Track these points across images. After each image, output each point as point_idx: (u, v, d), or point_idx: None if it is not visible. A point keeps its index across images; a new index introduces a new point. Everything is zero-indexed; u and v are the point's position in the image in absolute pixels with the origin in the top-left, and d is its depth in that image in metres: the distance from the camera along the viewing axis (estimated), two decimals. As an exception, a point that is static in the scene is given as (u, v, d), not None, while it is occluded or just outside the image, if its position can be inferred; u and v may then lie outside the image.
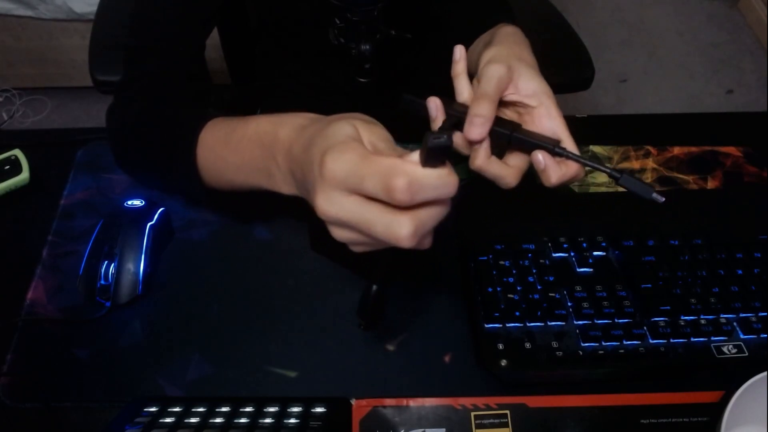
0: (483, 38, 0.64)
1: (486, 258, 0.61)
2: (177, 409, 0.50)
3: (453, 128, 0.50)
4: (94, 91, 0.98)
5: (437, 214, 0.37)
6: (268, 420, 0.49)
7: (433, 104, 0.51)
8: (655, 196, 0.48)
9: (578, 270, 0.62)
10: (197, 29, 0.66)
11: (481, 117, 0.48)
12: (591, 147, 0.76)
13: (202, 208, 0.68)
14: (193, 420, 0.49)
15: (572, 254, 0.62)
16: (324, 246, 0.64)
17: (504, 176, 0.49)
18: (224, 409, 0.50)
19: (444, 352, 0.58)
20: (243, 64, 1.07)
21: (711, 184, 0.73)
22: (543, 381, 0.56)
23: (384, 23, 0.69)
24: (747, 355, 0.56)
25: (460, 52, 0.53)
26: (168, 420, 0.48)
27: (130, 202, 0.64)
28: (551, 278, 0.60)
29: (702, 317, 0.58)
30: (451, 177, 0.36)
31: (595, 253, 0.63)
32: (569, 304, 0.59)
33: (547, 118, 0.51)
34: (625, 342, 0.56)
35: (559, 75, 1.00)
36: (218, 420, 0.49)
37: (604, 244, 0.63)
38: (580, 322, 0.58)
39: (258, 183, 0.51)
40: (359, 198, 0.37)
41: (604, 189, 0.72)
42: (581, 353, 0.56)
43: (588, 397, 0.55)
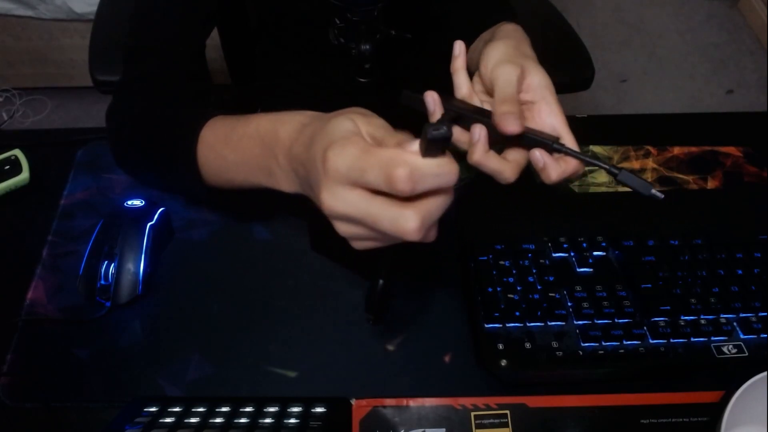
0: (484, 36, 0.64)
1: (486, 258, 0.61)
2: (177, 409, 0.50)
3: (452, 122, 0.50)
4: (94, 91, 0.98)
5: (442, 204, 0.38)
6: (268, 420, 0.49)
7: (431, 98, 0.51)
8: (653, 192, 0.47)
9: (578, 270, 0.62)
10: (197, 29, 0.66)
11: (512, 113, 0.47)
12: (591, 147, 0.76)
13: (203, 207, 0.68)
14: (193, 420, 0.49)
15: (572, 254, 0.62)
16: (324, 246, 0.64)
17: (502, 171, 0.48)
18: (224, 409, 0.50)
19: (444, 352, 0.58)
20: (243, 64, 1.07)
21: (711, 184, 0.73)
22: (543, 381, 0.56)
23: (384, 23, 0.69)
24: (747, 355, 0.56)
25: (460, 47, 0.53)
26: (168, 420, 0.48)
27: (130, 202, 0.64)
28: (551, 278, 0.60)
29: (702, 317, 0.58)
30: (451, 165, 0.36)
31: (595, 253, 0.63)
32: (569, 304, 0.59)
33: (548, 113, 0.50)
34: (625, 342, 0.56)
35: (559, 75, 1.00)
36: (218, 420, 0.49)
37: (604, 244, 0.63)
38: (580, 322, 0.58)
39: (258, 181, 0.51)
40: (364, 192, 0.37)
41: (604, 189, 0.72)
42: (581, 353, 0.56)
43: (588, 397, 0.55)
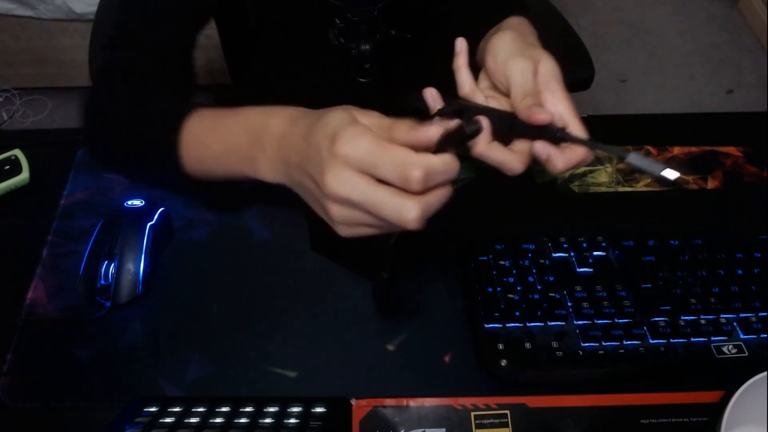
0: (490, 34, 0.63)
1: (486, 258, 0.61)
2: (177, 409, 0.50)
3: (454, 115, 0.49)
4: (94, 91, 0.98)
5: (442, 196, 0.40)
6: (268, 420, 0.49)
7: (430, 95, 0.51)
8: (666, 172, 0.43)
9: (578, 270, 0.62)
10: (190, 23, 0.64)
11: (537, 104, 0.47)
12: (591, 147, 0.76)
13: (203, 207, 0.67)
14: (193, 420, 0.49)
15: (572, 254, 0.62)
16: (324, 246, 0.64)
17: (508, 161, 0.47)
18: (224, 409, 0.50)
19: (444, 352, 0.58)
20: (243, 64, 1.07)
21: (711, 184, 0.73)
22: (543, 381, 0.56)
23: (384, 23, 0.69)
24: (747, 355, 0.56)
25: (461, 44, 0.53)
26: (168, 420, 0.48)
27: (130, 202, 0.64)
28: (551, 278, 0.60)
29: (702, 317, 0.58)
30: (455, 161, 0.39)
31: (595, 253, 0.63)
32: (569, 304, 0.59)
33: (553, 101, 0.49)
34: (625, 342, 0.56)
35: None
36: (218, 420, 0.49)
37: (604, 244, 0.63)
38: (580, 322, 0.58)
39: (240, 170, 0.51)
40: (370, 179, 0.39)
41: (604, 189, 0.72)
42: (581, 353, 0.56)
43: (588, 397, 0.55)
